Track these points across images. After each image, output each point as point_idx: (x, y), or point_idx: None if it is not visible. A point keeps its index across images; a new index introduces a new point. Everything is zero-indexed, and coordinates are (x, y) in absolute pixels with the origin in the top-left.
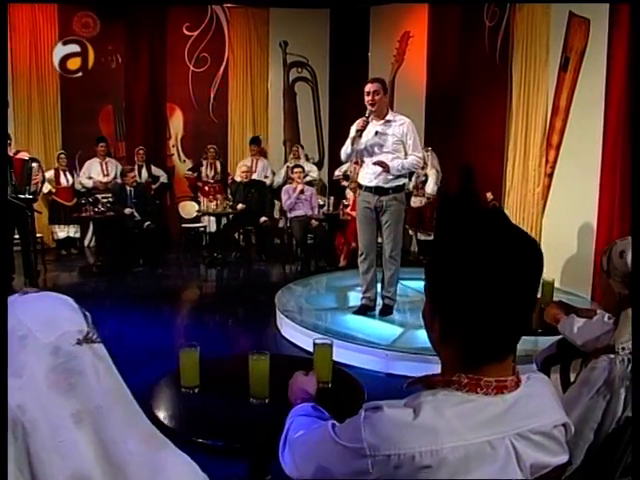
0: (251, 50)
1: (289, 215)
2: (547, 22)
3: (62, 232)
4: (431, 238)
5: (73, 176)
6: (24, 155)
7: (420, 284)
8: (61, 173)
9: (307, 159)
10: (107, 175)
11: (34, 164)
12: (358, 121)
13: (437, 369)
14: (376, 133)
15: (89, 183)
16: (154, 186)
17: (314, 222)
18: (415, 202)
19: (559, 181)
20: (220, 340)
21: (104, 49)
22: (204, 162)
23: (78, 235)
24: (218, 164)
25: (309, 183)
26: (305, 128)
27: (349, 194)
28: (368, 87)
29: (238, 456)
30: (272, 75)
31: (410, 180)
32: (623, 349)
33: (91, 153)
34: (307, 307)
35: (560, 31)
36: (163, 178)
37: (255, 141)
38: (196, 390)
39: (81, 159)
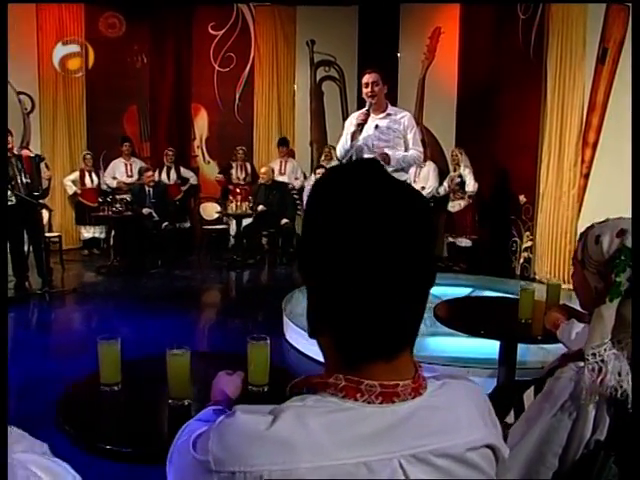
0: (277, 49)
1: None
2: (584, 12)
3: (88, 232)
4: (469, 244)
5: (98, 177)
6: (29, 152)
7: (443, 290)
8: (86, 174)
9: (339, 161)
10: (131, 176)
11: (42, 162)
12: (357, 114)
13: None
14: (376, 127)
15: (113, 183)
16: (183, 188)
17: None
18: (454, 206)
19: (596, 182)
20: (218, 343)
21: (130, 49)
22: (234, 164)
23: (103, 235)
24: (248, 165)
25: None
26: (332, 128)
27: None
28: (366, 78)
29: (149, 464)
30: (299, 74)
31: (441, 185)
32: (594, 355)
33: (116, 153)
34: None
35: (598, 20)
36: (192, 179)
37: (283, 142)
38: (116, 388)
39: (106, 159)
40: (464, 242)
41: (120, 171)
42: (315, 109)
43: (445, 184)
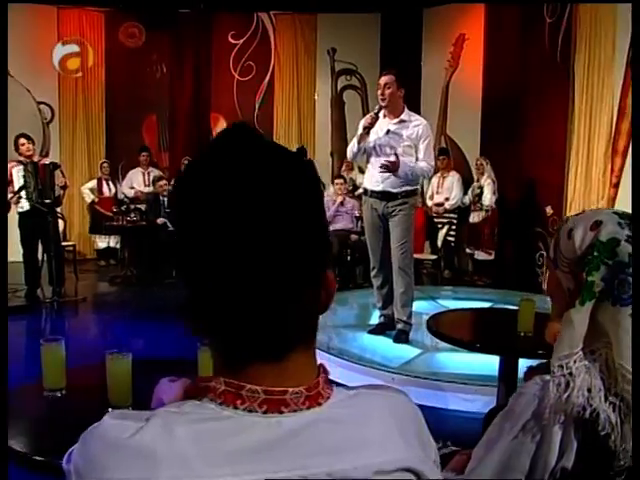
0: (298, 58)
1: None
2: (613, 13)
3: (102, 242)
4: (490, 257)
5: (116, 185)
6: (45, 160)
7: (462, 304)
8: (104, 182)
9: (360, 171)
10: (149, 185)
11: (55, 170)
12: (366, 117)
13: (451, 398)
14: (388, 132)
15: (130, 193)
16: None
17: (353, 236)
18: (474, 217)
19: (626, 192)
20: None
21: (149, 59)
22: None
23: (119, 246)
24: None
25: (360, 196)
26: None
27: None
28: (380, 80)
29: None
30: (319, 83)
31: (465, 194)
32: (561, 368)
33: (134, 163)
34: (324, 325)
35: (628, 22)
36: None
37: (299, 152)
38: (59, 394)
39: (124, 169)
40: (481, 255)
41: (138, 180)
42: (336, 119)
43: (469, 194)
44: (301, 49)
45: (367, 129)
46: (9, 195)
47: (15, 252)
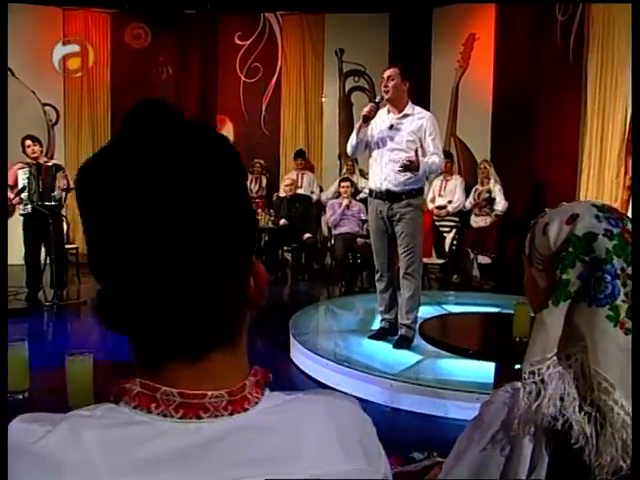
0: (305, 59)
1: (334, 232)
2: (626, 12)
3: None
4: (491, 262)
5: None
6: (49, 162)
7: (466, 309)
8: None
9: (362, 174)
10: None
11: (58, 173)
12: (366, 106)
13: (450, 406)
14: (391, 127)
15: None
16: None
17: (360, 240)
18: (477, 222)
19: None
20: None
21: (155, 60)
22: (250, 176)
23: None
24: (264, 179)
25: (364, 200)
26: None
27: None
28: (384, 73)
29: None
30: (327, 85)
31: (467, 197)
32: (532, 374)
33: None
34: (323, 330)
35: None
36: None
37: (300, 155)
38: (21, 396)
39: None
40: (484, 260)
41: None
42: (344, 121)
43: (471, 198)
44: (308, 50)
45: (366, 119)
46: (11, 196)
47: (19, 255)
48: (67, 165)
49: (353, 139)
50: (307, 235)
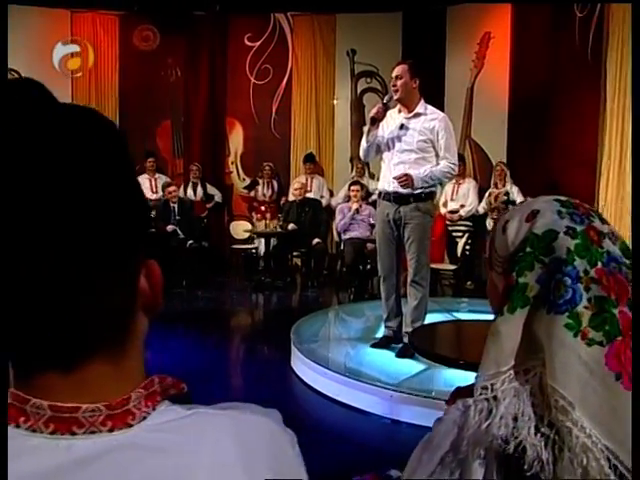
0: (316, 60)
1: (343, 237)
2: None
3: None
4: None
5: None
6: None
7: (484, 317)
8: None
9: (372, 177)
10: (156, 192)
11: None
12: (374, 108)
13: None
14: (402, 127)
15: None
16: (208, 205)
17: (370, 245)
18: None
19: None
20: (221, 373)
21: (163, 63)
22: (260, 180)
23: None
24: (275, 183)
25: (374, 203)
26: None
27: None
28: (393, 71)
29: None
30: (339, 86)
31: (480, 202)
32: (485, 390)
33: (143, 169)
34: (325, 338)
35: None
36: (217, 197)
37: (309, 158)
38: None
39: (138, 175)
40: None
41: (145, 187)
42: (356, 123)
43: (484, 201)
44: (319, 51)
45: (374, 121)
46: None
47: None
48: None
49: (364, 143)
50: (316, 240)
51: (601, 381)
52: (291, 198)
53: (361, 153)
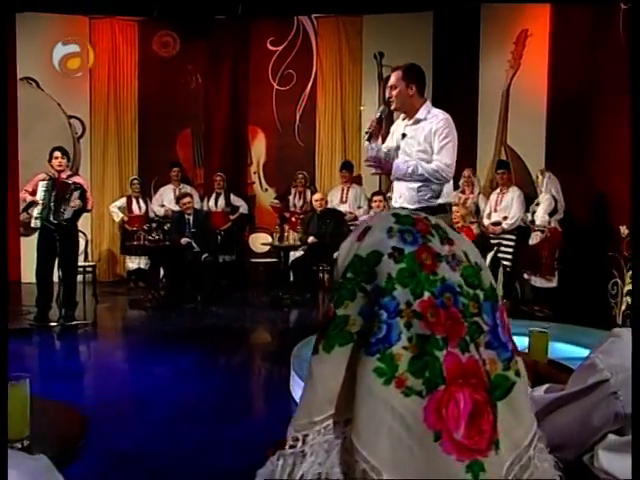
0: (342, 64)
1: None
2: None
3: (133, 263)
4: (550, 285)
5: (146, 203)
6: (76, 179)
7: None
8: (133, 200)
9: None
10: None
11: (75, 192)
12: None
13: None
14: (403, 136)
15: (161, 211)
16: (232, 217)
17: None
18: (534, 239)
19: None
20: (216, 398)
21: (184, 69)
22: (293, 190)
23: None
24: (308, 193)
25: None
26: None
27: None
28: (389, 81)
29: None
30: (365, 91)
31: (528, 212)
32: (296, 441)
33: (167, 179)
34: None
35: None
36: (243, 209)
37: (346, 166)
38: (21, 445)
39: (157, 185)
40: (539, 282)
41: (169, 198)
42: (384, 131)
43: (530, 212)
44: (345, 54)
45: (370, 137)
46: (22, 207)
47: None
48: (92, 179)
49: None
50: (337, 253)
51: (419, 441)
52: (317, 208)
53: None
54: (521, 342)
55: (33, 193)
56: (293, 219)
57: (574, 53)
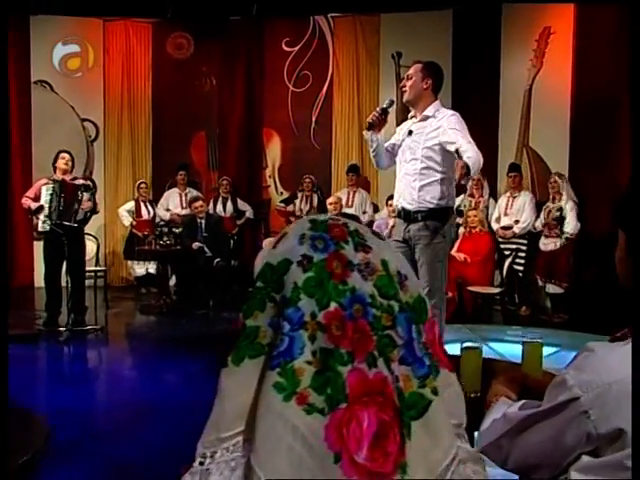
0: (359, 65)
1: None
2: None
3: (140, 268)
4: (562, 290)
5: (154, 207)
6: (78, 180)
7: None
8: (142, 204)
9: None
10: (186, 207)
11: (85, 193)
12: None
13: None
14: (410, 133)
15: (166, 215)
16: (239, 222)
17: None
18: (547, 244)
19: None
20: (201, 397)
21: (198, 71)
22: (299, 194)
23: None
24: (315, 197)
25: None
26: None
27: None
28: (407, 72)
29: None
30: (383, 93)
31: (538, 217)
32: (204, 458)
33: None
34: None
35: None
36: (249, 213)
37: (353, 169)
38: None
39: (170, 189)
40: (552, 289)
41: (174, 202)
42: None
43: (541, 217)
44: (362, 54)
45: (371, 126)
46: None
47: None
48: (106, 183)
49: (370, 151)
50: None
51: (320, 462)
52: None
53: (374, 163)
54: (516, 352)
55: (36, 199)
56: None
57: (599, 51)
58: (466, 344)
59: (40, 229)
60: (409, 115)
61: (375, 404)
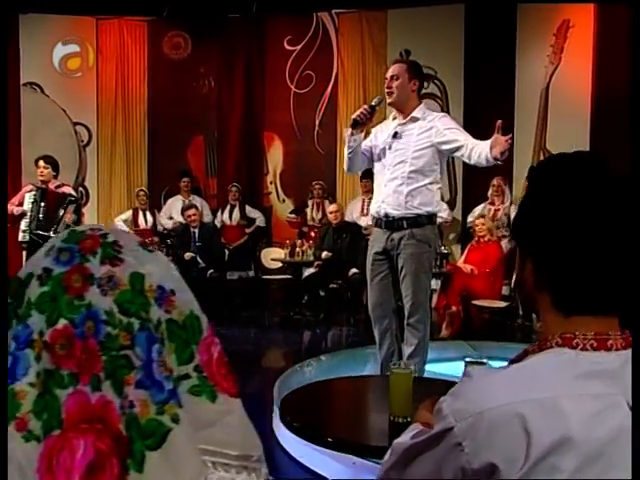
0: (365, 64)
1: None
2: None
3: None
4: None
5: (154, 216)
6: (65, 190)
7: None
8: (139, 213)
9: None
10: None
11: (71, 206)
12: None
13: None
14: (395, 135)
15: (169, 224)
16: (248, 230)
17: None
18: None
19: None
20: None
21: (195, 72)
22: (309, 202)
23: None
24: (327, 204)
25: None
26: None
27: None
28: (388, 71)
29: None
30: None
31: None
32: None
33: (177, 190)
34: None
35: None
36: (259, 221)
37: (368, 175)
38: None
39: (167, 197)
40: None
41: (177, 210)
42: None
43: None
44: (369, 53)
45: (356, 124)
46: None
47: None
48: (99, 190)
49: (346, 151)
50: (353, 270)
51: None
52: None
53: (345, 164)
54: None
55: (20, 206)
56: (312, 233)
57: (622, 46)
58: (395, 367)
59: (20, 239)
60: (391, 116)
61: (93, 432)
